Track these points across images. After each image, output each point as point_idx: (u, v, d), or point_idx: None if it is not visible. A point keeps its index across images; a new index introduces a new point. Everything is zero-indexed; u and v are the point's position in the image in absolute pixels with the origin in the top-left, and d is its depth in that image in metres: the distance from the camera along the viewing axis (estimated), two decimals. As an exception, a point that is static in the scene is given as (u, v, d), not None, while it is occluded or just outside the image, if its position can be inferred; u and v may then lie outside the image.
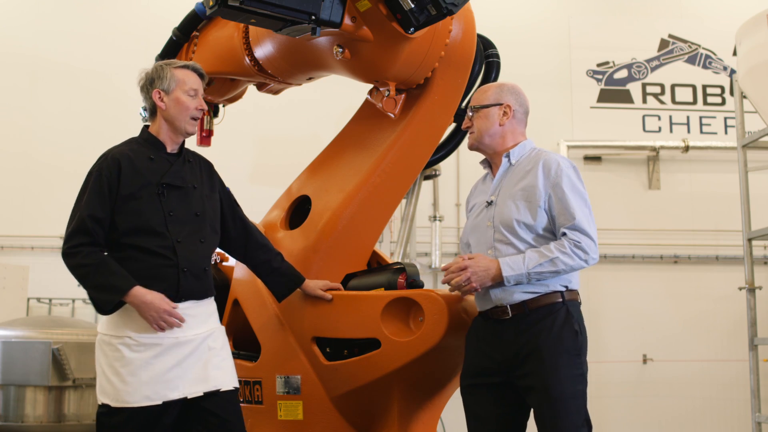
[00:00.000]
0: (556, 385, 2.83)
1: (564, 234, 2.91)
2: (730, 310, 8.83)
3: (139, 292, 2.84)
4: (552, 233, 2.96)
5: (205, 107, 3.13)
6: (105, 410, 2.91)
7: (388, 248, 7.60)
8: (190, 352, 2.96)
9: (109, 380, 2.91)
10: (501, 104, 3.14)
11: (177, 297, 2.95)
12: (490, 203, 3.08)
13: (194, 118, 3.09)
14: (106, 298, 2.86)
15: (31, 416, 6.30)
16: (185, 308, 2.97)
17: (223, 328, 3.18)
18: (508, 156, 3.12)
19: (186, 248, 2.98)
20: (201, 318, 3.04)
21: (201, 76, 3.15)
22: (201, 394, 2.95)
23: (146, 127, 3.13)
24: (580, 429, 2.85)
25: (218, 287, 3.87)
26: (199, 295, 3.04)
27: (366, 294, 3.35)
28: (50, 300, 8.61)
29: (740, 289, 6.91)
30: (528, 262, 2.86)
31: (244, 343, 3.78)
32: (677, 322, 8.96)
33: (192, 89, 3.08)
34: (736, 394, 8.81)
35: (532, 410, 2.98)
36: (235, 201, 3.34)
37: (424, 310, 3.20)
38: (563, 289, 2.94)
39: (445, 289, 3.18)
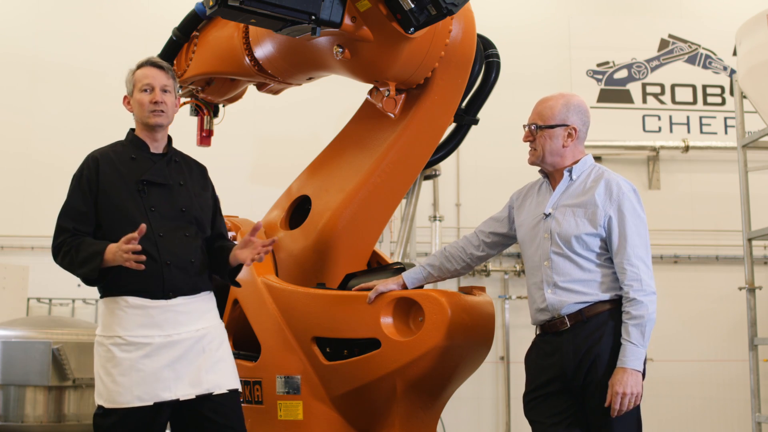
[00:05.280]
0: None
1: (623, 272, 2.95)
2: (730, 310, 8.82)
3: (111, 245, 2.86)
4: (605, 250, 3.02)
5: (160, 98, 3.09)
6: (100, 411, 2.93)
7: (388, 248, 7.60)
8: (183, 352, 2.94)
9: (102, 381, 2.92)
10: (567, 125, 3.12)
11: (164, 292, 2.95)
12: (547, 215, 3.11)
13: (153, 111, 3.09)
14: (91, 266, 2.87)
15: (31, 416, 6.30)
16: (175, 305, 2.97)
17: (222, 326, 3.15)
18: (570, 171, 3.14)
19: (169, 241, 2.99)
20: (194, 315, 3.01)
21: (162, 68, 3.16)
22: (193, 397, 2.93)
23: (132, 129, 3.20)
24: None
25: (218, 287, 3.88)
26: (189, 290, 3.02)
27: (366, 294, 3.34)
28: (50, 300, 8.61)
29: (740, 289, 6.89)
30: (637, 341, 2.88)
31: (244, 343, 3.78)
32: (677, 322, 8.95)
33: (146, 84, 3.10)
34: (736, 394, 8.81)
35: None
36: (219, 211, 3.32)
37: (424, 310, 3.20)
38: (615, 297, 2.99)
39: (444, 289, 3.19)
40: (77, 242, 2.94)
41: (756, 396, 6.66)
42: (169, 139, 3.21)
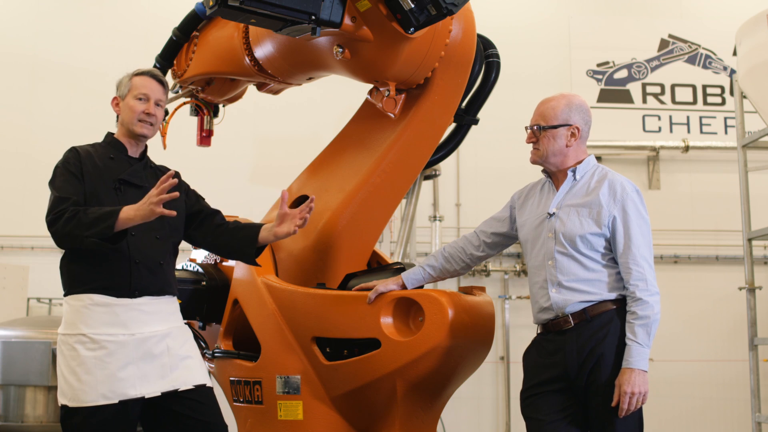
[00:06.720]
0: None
1: (629, 271, 2.96)
2: (730, 310, 8.82)
3: (129, 207, 2.85)
4: (609, 249, 3.03)
5: (153, 111, 3.15)
6: (64, 411, 2.93)
7: (388, 248, 7.60)
8: (148, 350, 2.95)
9: (66, 380, 2.93)
10: (570, 125, 3.12)
11: (130, 290, 2.97)
12: (551, 215, 3.11)
13: (141, 121, 3.14)
14: (106, 224, 2.81)
15: (31, 416, 6.30)
16: (140, 304, 2.98)
17: (186, 327, 3.18)
18: (573, 171, 3.15)
19: (139, 241, 3.01)
20: (159, 316, 3.03)
21: (160, 82, 3.22)
22: (159, 393, 2.95)
23: (110, 133, 3.23)
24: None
25: (218, 287, 3.89)
26: (156, 291, 3.05)
27: (366, 294, 3.34)
28: (50, 300, 8.60)
29: (740, 289, 6.90)
30: (643, 341, 2.89)
31: (244, 343, 3.78)
32: (677, 322, 8.95)
33: (142, 94, 3.15)
34: (736, 394, 8.81)
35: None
36: (200, 197, 3.39)
37: (424, 310, 3.20)
38: (619, 297, 3.00)
39: (444, 289, 3.19)
40: (83, 209, 2.89)
41: (756, 396, 6.66)
42: (145, 147, 3.26)
